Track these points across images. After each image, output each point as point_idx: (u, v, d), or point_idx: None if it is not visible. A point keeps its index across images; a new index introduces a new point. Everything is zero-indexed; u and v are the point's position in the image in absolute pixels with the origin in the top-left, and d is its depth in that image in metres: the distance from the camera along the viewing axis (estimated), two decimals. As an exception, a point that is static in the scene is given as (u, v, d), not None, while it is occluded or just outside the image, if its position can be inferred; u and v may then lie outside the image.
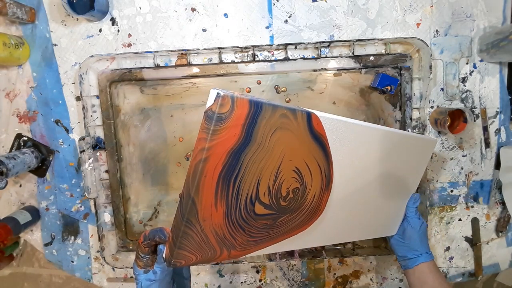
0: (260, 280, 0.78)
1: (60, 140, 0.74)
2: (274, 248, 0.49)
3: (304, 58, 0.70)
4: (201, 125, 0.37)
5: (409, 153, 0.59)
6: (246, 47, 0.68)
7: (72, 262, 0.78)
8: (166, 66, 0.70)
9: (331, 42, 0.68)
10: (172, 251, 0.40)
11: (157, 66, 0.70)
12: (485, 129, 0.72)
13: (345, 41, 0.68)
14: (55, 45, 0.71)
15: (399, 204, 0.63)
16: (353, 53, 0.69)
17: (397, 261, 0.64)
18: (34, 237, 0.78)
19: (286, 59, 0.70)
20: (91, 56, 0.68)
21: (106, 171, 0.74)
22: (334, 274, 0.78)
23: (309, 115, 0.44)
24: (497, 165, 0.73)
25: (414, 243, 0.61)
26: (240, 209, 0.42)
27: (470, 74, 0.71)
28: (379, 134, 0.53)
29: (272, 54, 0.71)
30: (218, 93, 0.36)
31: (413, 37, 0.67)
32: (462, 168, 0.74)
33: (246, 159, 0.40)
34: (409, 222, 0.62)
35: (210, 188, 0.39)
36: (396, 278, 0.78)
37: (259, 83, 0.71)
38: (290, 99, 0.72)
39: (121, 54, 0.68)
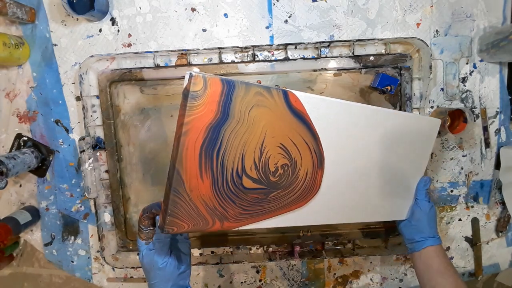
0: (260, 280, 0.78)
1: (60, 140, 0.74)
2: (270, 223, 0.51)
3: (304, 58, 0.70)
4: (180, 103, 0.42)
5: (410, 135, 0.58)
6: (246, 47, 0.68)
7: (72, 262, 0.78)
8: (166, 66, 0.70)
9: (331, 42, 0.68)
10: (164, 218, 0.44)
11: (157, 66, 0.70)
12: (485, 129, 0.72)
13: (345, 41, 0.68)
14: (55, 45, 0.71)
15: (407, 188, 0.62)
16: (353, 53, 0.69)
17: (405, 244, 0.63)
18: (34, 237, 0.78)
19: (286, 59, 0.70)
20: (91, 56, 0.68)
21: (106, 171, 0.74)
22: (334, 274, 0.78)
23: (285, 93, 0.47)
24: (497, 165, 0.73)
25: (422, 226, 0.60)
26: (227, 181, 0.46)
27: (470, 74, 0.71)
28: (372, 114, 0.54)
29: (272, 54, 0.71)
30: (190, 74, 0.41)
31: (413, 37, 0.67)
32: (462, 168, 0.74)
33: (226, 133, 0.44)
34: (418, 204, 0.61)
35: (193, 160, 0.43)
36: (396, 278, 0.78)
37: (259, 83, 0.71)
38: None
39: (121, 54, 0.68)
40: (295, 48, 0.70)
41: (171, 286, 0.50)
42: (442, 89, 0.72)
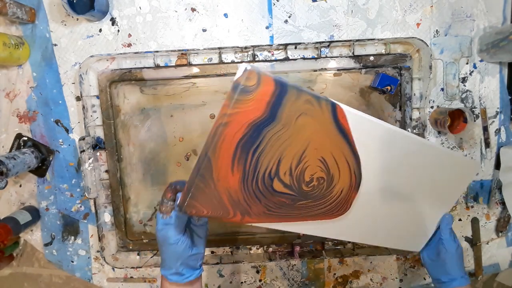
0: (260, 280, 0.78)
1: (60, 140, 0.74)
2: (290, 227, 0.50)
3: (304, 58, 0.70)
4: (228, 94, 0.41)
5: (448, 172, 0.57)
6: (246, 47, 0.68)
7: (72, 262, 0.78)
8: (166, 66, 0.70)
9: (331, 42, 0.68)
10: (184, 199, 0.43)
11: (157, 66, 0.70)
12: (485, 129, 0.72)
13: (345, 41, 0.68)
14: (55, 45, 0.71)
15: (427, 221, 0.61)
16: (353, 53, 0.69)
17: (432, 283, 0.63)
18: (34, 237, 0.78)
19: (286, 59, 0.70)
20: (91, 56, 0.68)
21: (106, 171, 0.74)
22: (334, 274, 0.78)
23: (333, 106, 0.46)
24: (497, 165, 0.73)
25: (449, 267, 0.58)
26: (257, 180, 0.45)
27: (470, 74, 0.71)
28: (414, 145, 0.53)
29: (272, 54, 0.71)
30: (246, 68, 0.40)
31: (413, 37, 0.67)
32: (462, 168, 0.74)
33: (268, 135, 0.43)
34: (444, 244, 0.59)
35: (227, 152, 0.42)
36: (396, 278, 0.78)
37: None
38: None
39: (121, 54, 0.68)
40: (295, 48, 0.70)
41: (180, 264, 0.49)
42: (442, 89, 0.72)
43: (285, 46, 0.69)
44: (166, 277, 0.50)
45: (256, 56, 0.70)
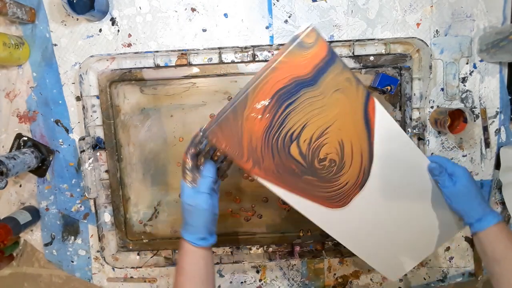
0: (260, 280, 0.78)
1: (60, 140, 0.74)
2: (291, 199, 0.51)
3: (304, 58, 0.70)
4: (285, 44, 0.44)
5: (428, 222, 0.57)
6: (246, 47, 0.68)
7: (72, 262, 0.78)
8: (166, 66, 0.70)
9: (331, 42, 0.68)
10: (211, 125, 0.46)
11: (157, 66, 0.70)
12: (485, 129, 0.72)
13: (345, 41, 0.68)
14: (55, 45, 0.71)
15: (407, 257, 0.60)
16: (353, 53, 0.69)
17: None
18: (34, 237, 0.78)
19: (286, 59, 0.69)
20: (91, 56, 0.68)
21: (106, 171, 0.74)
22: (334, 274, 0.78)
23: (368, 94, 0.48)
24: (497, 165, 0.73)
25: (466, 204, 0.52)
26: (279, 135, 0.47)
27: (470, 74, 0.71)
28: (421, 174, 0.53)
29: (272, 54, 0.71)
30: (309, 26, 0.43)
31: (413, 37, 0.67)
32: (462, 168, 0.74)
33: (304, 96, 0.46)
34: (443, 188, 0.53)
35: (265, 96, 0.45)
36: (396, 278, 0.78)
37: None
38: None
39: (121, 54, 0.68)
40: (295, 48, 0.70)
41: (207, 228, 0.52)
42: (442, 89, 0.72)
43: (285, 46, 0.69)
44: (192, 242, 0.51)
45: (256, 56, 0.70)
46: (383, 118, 0.50)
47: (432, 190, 0.55)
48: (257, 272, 0.78)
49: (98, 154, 0.73)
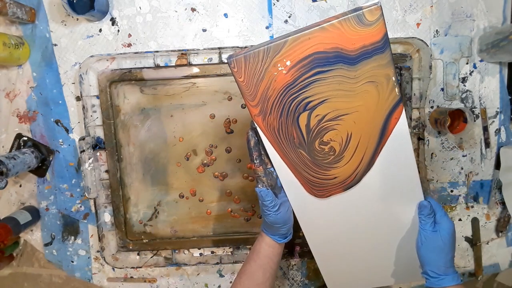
0: (260, 280, 0.78)
1: (60, 140, 0.74)
2: (279, 163, 0.50)
3: (304, 58, 0.70)
4: (345, 12, 0.41)
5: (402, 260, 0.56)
6: (246, 47, 0.68)
7: (72, 262, 0.78)
8: (166, 66, 0.70)
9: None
10: (239, 53, 0.44)
11: (157, 66, 0.70)
12: (485, 129, 0.72)
13: (345, 41, 0.68)
14: (55, 45, 0.71)
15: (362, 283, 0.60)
16: (353, 53, 0.69)
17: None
18: (34, 237, 0.78)
19: (286, 59, 0.69)
20: (91, 56, 0.68)
21: (106, 171, 0.74)
22: (334, 274, 0.78)
23: (399, 102, 0.45)
24: (497, 165, 0.73)
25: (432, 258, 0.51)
26: (296, 98, 0.45)
27: (470, 74, 0.71)
28: (419, 199, 0.52)
29: (272, 54, 0.71)
30: (377, 2, 0.40)
31: (413, 37, 0.67)
32: (462, 168, 0.74)
33: (338, 71, 0.43)
34: (421, 234, 0.52)
35: (299, 53, 0.42)
36: (396, 278, 0.78)
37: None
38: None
39: (121, 54, 0.68)
40: (295, 48, 0.70)
41: (287, 229, 0.55)
42: (442, 89, 0.72)
43: (285, 46, 0.69)
44: (274, 239, 0.55)
45: (256, 56, 0.70)
46: (401, 134, 0.47)
47: (410, 228, 0.53)
48: (257, 272, 0.78)
49: (98, 154, 0.73)
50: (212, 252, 0.77)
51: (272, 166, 0.51)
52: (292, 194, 0.52)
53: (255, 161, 0.50)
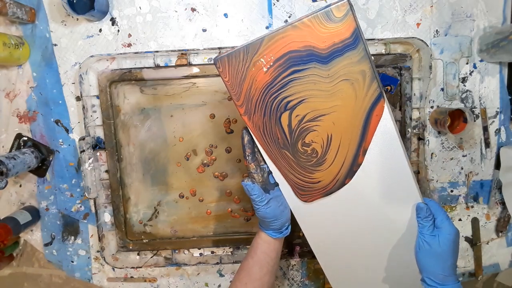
0: (260, 280, 0.78)
1: (60, 140, 0.74)
2: (268, 160, 0.50)
3: (304, 58, 0.70)
4: (314, 11, 0.42)
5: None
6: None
7: (72, 262, 0.78)
8: (166, 66, 0.70)
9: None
10: (223, 54, 0.45)
11: (157, 66, 0.70)
12: (485, 129, 0.72)
13: (345, 41, 0.68)
14: (55, 45, 0.71)
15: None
16: (353, 53, 0.69)
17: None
18: (34, 237, 0.78)
19: (286, 59, 0.69)
20: (91, 56, 0.68)
21: (106, 171, 0.74)
22: (334, 274, 0.78)
23: (379, 96, 0.44)
24: (497, 165, 0.73)
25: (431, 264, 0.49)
26: (276, 97, 0.45)
27: (470, 74, 0.71)
28: (413, 197, 0.49)
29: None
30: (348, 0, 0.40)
31: (413, 37, 0.67)
32: (462, 168, 0.74)
33: (313, 70, 0.43)
34: (419, 240, 0.50)
35: (277, 52, 0.43)
36: (396, 278, 0.78)
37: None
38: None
39: (121, 54, 0.68)
40: (295, 48, 0.70)
41: (282, 224, 0.55)
42: (442, 89, 0.72)
43: (285, 46, 0.69)
44: (270, 234, 0.56)
45: (256, 56, 0.70)
46: (386, 133, 0.44)
47: (409, 231, 0.51)
48: (257, 272, 0.78)
49: (98, 154, 0.73)
50: (212, 252, 0.77)
51: (265, 163, 0.51)
52: (286, 194, 0.52)
53: (247, 158, 0.50)
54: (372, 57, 0.48)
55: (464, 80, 0.71)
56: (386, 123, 0.45)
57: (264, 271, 0.56)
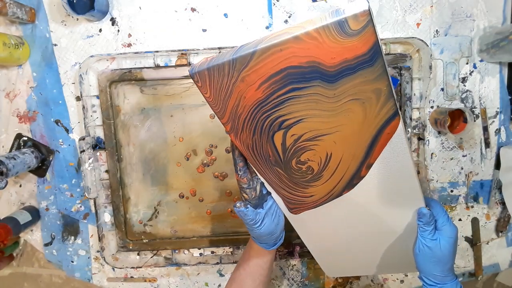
0: (260, 280, 0.78)
1: (60, 140, 0.74)
2: (264, 178, 0.47)
3: (304, 58, 0.70)
4: (323, 15, 0.34)
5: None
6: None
7: (72, 262, 0.78)
8: (166, 66, 0.70)
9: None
10: (202, 65, 0.38)
11: (157, 66, 0.70)
12: (485, 129, 0.72)
13: (345, 41, 0.68)
14: (55, 45, 0.71)
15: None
16: (353, 53, 0.69)
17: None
18: (34, 237, 0.78)
19: (286, 59, 0.69)
20: (91, 56, 0.68)
21: (106, 171, 0.74)
22: (334, 274, 0.78)
23: (394, 115, 0.38)
24: (497, 165, 0.73)
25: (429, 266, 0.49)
26: (269, 116, 0.39)
27: (470, 74, 0.71)
28: (415, 203, 0.48)
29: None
30: (365, 7, 0.32)
31: (413, 37, 0.67)
32: (462, 168, 0.74)
33: (315, 89, 0.36)
34: (419, 242, 0.49)
35: (272, 67, 0.36)
36: (397, 279, 0.78)
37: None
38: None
39: (121, 54, 0.68)
40: (295, 48, 0.70)
41: (276, 237, 0.53)
42: (442, 89, 0.72)
43: (285, 46, 0.69)
44: (263, 247, 0.54)
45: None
46: (398, 148, 0.41)
47: (408, 231, 0.50)
48: (257, 272, 0.78)
49: (98, 154, 0.73)
50: (212, 252, 0.77)
51: (257, 175, 0.48)
52: (278, 203, 0.51)
53: (239, 172, 0.47)
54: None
55: (464, 80, 0.71)
56: (398, 140, 0.41)
57: (257, 283, 0.55)
